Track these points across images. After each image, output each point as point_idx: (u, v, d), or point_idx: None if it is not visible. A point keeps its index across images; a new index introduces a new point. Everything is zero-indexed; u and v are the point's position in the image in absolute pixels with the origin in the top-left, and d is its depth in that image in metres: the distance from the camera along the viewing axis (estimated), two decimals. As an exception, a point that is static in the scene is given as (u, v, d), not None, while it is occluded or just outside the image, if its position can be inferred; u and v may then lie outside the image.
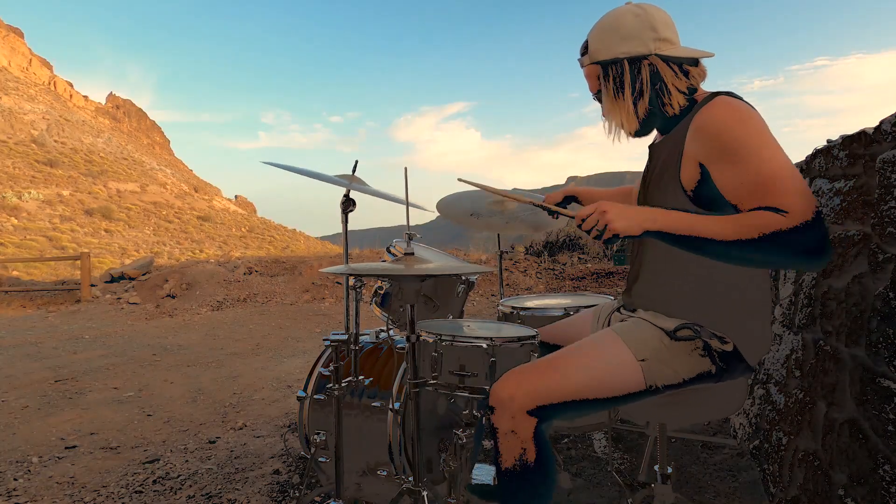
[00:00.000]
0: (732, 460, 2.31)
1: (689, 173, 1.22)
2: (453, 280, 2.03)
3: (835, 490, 1.39)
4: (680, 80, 1.26)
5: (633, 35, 1.25)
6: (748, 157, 1.10)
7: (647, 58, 1.26)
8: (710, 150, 1.16)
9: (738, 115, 1.15)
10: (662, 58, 1.26)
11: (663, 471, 1.59)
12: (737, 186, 1.12)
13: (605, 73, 1.30)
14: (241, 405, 3.56)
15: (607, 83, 1.30)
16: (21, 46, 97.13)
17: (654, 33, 1.25)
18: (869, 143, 1.34)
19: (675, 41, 1.28)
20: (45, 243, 34.19)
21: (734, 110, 1.16)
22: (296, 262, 10.70)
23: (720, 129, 1.15)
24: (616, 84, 1.28)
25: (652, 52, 1.25)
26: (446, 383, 1.50)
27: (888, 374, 1.17)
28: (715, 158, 1.16)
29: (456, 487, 1.57)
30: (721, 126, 1.15)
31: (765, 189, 1.07)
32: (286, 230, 69.75)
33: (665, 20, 1.27)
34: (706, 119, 1.18)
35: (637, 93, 1.27)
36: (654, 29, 1.25)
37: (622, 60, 1.27)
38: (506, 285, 8.32)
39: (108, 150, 69.22)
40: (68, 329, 7.11)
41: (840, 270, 1.46)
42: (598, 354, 1.27)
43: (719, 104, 1.18)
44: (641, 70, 1.26)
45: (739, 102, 1.19)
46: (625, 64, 1.27)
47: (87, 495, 2.31)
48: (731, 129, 1.13)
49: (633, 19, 1.26)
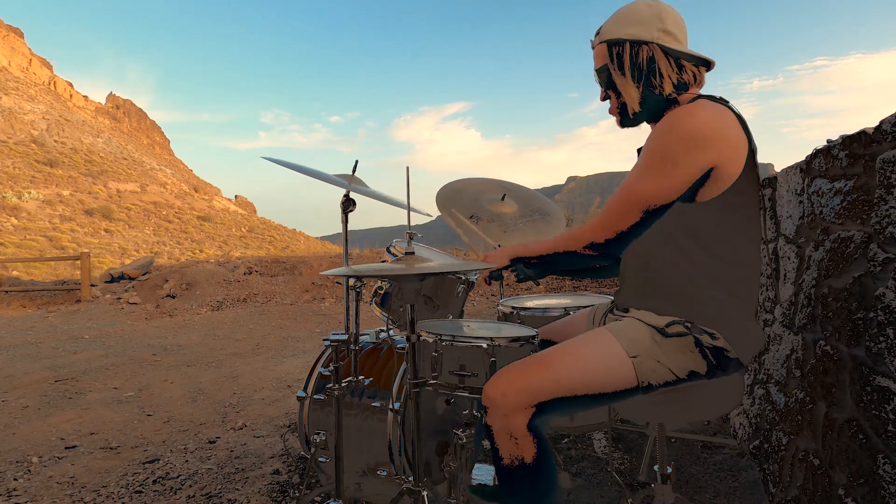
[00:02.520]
0: (732, 460, 2.31)
1: None
2: (453, 280, 2.03)
3: (835, 490, 1.39)
4: (673, 70, 1.33)
5: (641, 21, 1.33)
6: (636, 167, 1.28)
7: (649, 44, 1.32)
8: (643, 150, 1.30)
9: (669, 129, 1.24)
10: (662, 48, 1.32)
11: (663, 471, 1.58)
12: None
13: (609, 51, 1.37)
14: (241, 405, 3.56)
15: (612, 62, 1.38)
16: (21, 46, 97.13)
17: (661, 24, 1.32)
18: (869, 143, 1.34)
19: (679, 39, 1.34)
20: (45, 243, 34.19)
21: (671, 123, 1.24)
22: (296, 262, 10.70)
23: (650, 136, 1.29)
24: (618, 62, 1.36)
25: (654, 41, 1.32)
26: (446, 383, 1.50)
27: (888, 374, 1.17)
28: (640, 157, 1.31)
29: (456, 487, 1.57)
30: (652, 134, 1.29)
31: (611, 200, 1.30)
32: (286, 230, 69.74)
33: (675, 18, 1.34)
34: (657, 124, 1.30)
35: (635, 73, 1.35)
36: (661, 20, 1.32)
37: (626, 42, 1.34)
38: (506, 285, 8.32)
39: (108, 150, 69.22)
40: (68, 329, 7.11)
41: (840, 270, 1.46)
42: (589, 351, 1.27)
43: (671, 113, 1.26)
44: (640, 52, 1.33)
45: (685, 117, 1.23)
46: (626, 45, 1.34)
47: (87, 495, 2.31)
48: (655, 137, 1.26)
49: (645, 9, 1.34)
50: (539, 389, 1.22)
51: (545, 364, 1.26)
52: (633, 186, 1.26)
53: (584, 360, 1.25)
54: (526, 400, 1.22)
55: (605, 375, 1.24)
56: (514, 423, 1.22)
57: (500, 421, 1.23)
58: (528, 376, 1.24)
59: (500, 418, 1.23)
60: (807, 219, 1.77)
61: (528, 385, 1.23)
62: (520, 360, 1.31)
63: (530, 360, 1.29)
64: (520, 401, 1.22)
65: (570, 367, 1.24)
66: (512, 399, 1.22)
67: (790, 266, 1.96)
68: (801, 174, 1.84)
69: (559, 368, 1.24)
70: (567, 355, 1.27)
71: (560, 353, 1.28)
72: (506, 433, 1.23)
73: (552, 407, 1.23)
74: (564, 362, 1.25)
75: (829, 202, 1.56)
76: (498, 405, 1.23)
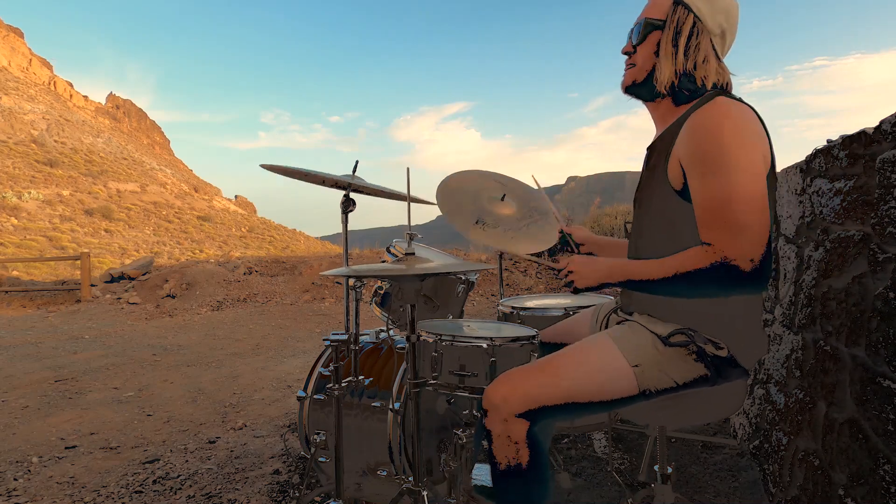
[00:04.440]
0: (732, 460, 2.31)
1: (675, 172, 1.24)
2: (453, 280, 2.03)
3: (835, 490, 1.39)
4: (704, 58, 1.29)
5: (715, 5, 1.30)
6: (716, 174, 1.13)
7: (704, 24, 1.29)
8: (691, 157, 1.19)
9: (727, 125, 1.16)
10: (710, 37, 1.30)
11: (663, 471, 1.58)
12: (698, 202, 1.17)
13: (673, 11, 1.32)
14: (241, 405, 3.56)
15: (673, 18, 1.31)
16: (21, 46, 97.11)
17: (725, 23, 1.31)
18: (869, 143, 1.34)
19: (724, 47, 1.34)
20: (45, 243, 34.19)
21: (725, 119, 1.17)
22: (296, 262, 10.70)
23: (705, 138, 1.17)
24: (675, 30, 1.31)
25: (709, 29, 1.30)
26: (446, 383, 1.50)
27: (888, 374, 1.17)
28: (691, 165, 1.19)
29: (456, 487, 1.58)
30: (705, 135, 1.17)
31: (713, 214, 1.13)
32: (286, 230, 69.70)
33: (734, 27, 1.33)
34: (697, 122, 1.20)
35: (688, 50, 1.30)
36: (727, 18, 1.31)
37: (692, 13, 1.30)
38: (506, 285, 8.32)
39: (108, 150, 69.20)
40: (68, 329, 7.11)
41: (840, 270, 1.46)
42: (591, 359, 1.27)
43: (715, 108, 1.19)
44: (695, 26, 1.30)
45: (736, 110, 1.19)
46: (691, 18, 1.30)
47: (87, 495, 2.31)
48: (713, 142, 1.15)
49: (729, 2, 1.31)
50: (540, 395, 1.22)
51: (547, 370, 1.26)
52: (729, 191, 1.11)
53: (587, 368, 1.25)
54: (526, 405, 1.22)
55: (607, 383, 1.24)
56: (514, 427, 1.22)
57: (499, 425, 1.24)
58: (529, 382, 1.24)
59: (500, 422, 1.23)
60: (807, 219, 1.77)
61: (529, 391, 1.23)
62: (522, 366, 1.32)
63: (532, 366, 1.29)
64: (520, 406, 1.22)
65: (572, 375, 1.24)
66: (512, 404, 1.22)
67: (790, 266, 1.96)
68: (801, 174, 1.84)
69: (561, 375, 1.24)
70: (569, 362, 1.27)
71: (562, 360, 1.28)
72: (505, 437, 1.23)
73: (553, 413, 1.23)
74: (566, 369, 1.25)
75: (829, 202, 1.56)
76: (499, 409, 1.24)
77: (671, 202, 1.26)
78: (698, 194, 1.17)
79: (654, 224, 1.34)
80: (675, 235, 1.26)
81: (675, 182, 1.24)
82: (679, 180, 1.23)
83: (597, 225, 10.40)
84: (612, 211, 10.95)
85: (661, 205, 1.30)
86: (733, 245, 1.09)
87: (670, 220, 1.28)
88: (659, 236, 1.32)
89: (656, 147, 1.35)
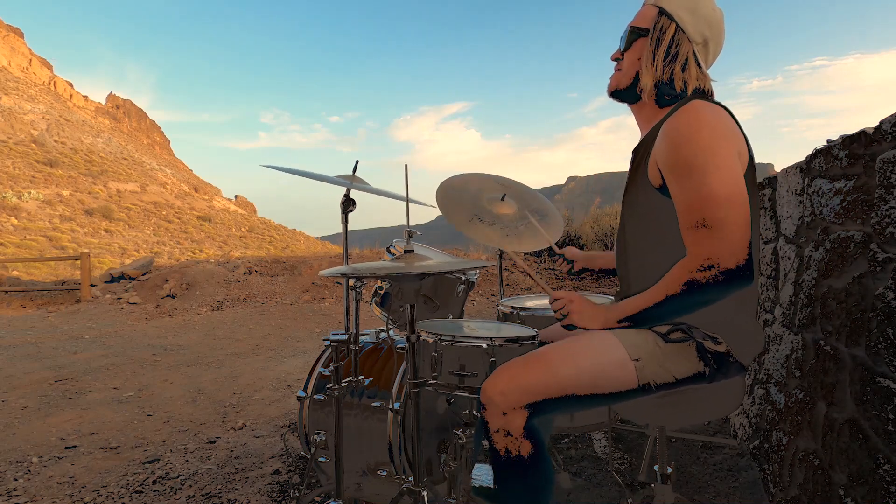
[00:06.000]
0: (732, 460, 2.31)
1: (654, 174, 1.30)
2: (453, 280, 2.03)
3: (835, 490, 1.39)
4: (684, 66, 1.34)
5: (697, 15, 1.33)
6: (691, 176, 1.18)
7: (685, 33, 1.33)
8: (667, 160, 1.24)
9: (699, 127, 1.19)
10: (692, 46, 1.34)
11: (663, 471, 1.58)
12: (678, 205, 1.22)
13: (656, 20, 1.36)
14: (241, 405, 3.56)
15: (656, 27, 1.36)
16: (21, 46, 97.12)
17: (707, 32, 1.34)
18: (869, 143, 1.34)
19: (709, 57, 1.37)
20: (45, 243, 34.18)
21: (698, 121, 1.20)
22: (296, 262, 10.70)
23: (679, 142, 1.21)
24: (658, 37, 1.35)
25: (691, 38, 1.33)
26: (446, 383, 1.50)
27: (888, 374, 1.17)
28: (669, 169, 1.24)
29: (456, 487, 1.57)
30: (679, 139, 1.21)
31: (693, 216, 1.17)
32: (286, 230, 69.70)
33: (719, 38, 1.36)
34: (672, 126, 1.24)
35: (668, 56, 1.34)
36: (710, 27, 1.34)
37: (674, 22, 1.33)
38: (506, 285, 8.32)
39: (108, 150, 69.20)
40: (68, 329, 7.11)
41: (840, 270, 1.46)
42: (591, 352, 1.26)
43: (688, 112, 1.23)
44: (676, 34, 1.33)
45: (709, 111, 1.22)
46: (673, 27, 1.34)
47: (87, 495, 2.31)
48: (686, 145, 1.19)
49: (710, 10, 1.34)
50: (538, 388, 1.22)
51: (545, 363, 1.25)
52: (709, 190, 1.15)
53: (586, 360, 1.25)
54: (525, 399, 1.22)
55: (607, 376, 1.24)
56: (513, 421, 1.22)
57: (498, 419, 1.23)
58: (527, 375, 1.23)
59: (498, 416, 1.23)
60: (807, 219, 1.77)
61: (527, 384, 1.22)
62: (520, 358, 1.30)
63: (530, 358, 1.28)
64: (519, 399, 1.22)
65: (571, 367, 1.24)
66: (511, 398, 1.22)
67: (790, 266, 1.96)
68: (801, 174, 1.84)
69: (560, 368, 1.23)
70: (568, 354, 1.26)
71: (561, 352, 1.27)
72: (504, 431, 1.23)
73: (551, 406, 1.23)
74: (565, 361, 1.25)
75: (829, 202, 1.56)
76: (497, 403, 1.23)
77: (654, 200, 1.31)
78: (677, 198, 1.22)
79: (640, 224, 1.39)
80: (660, 234, 1.30)
81: (655, 181, 1.30)
82: (658, 181, 1.29)
83: (597, 225, 10.40)
84: (612, 211, 10.96)
85: (645, 204, 1.34)
86: (714, 245, 1.14)
87: (655, 219, 1.32)
88: (644, 235, 1.36)
89: (639, 150, 1.40)
